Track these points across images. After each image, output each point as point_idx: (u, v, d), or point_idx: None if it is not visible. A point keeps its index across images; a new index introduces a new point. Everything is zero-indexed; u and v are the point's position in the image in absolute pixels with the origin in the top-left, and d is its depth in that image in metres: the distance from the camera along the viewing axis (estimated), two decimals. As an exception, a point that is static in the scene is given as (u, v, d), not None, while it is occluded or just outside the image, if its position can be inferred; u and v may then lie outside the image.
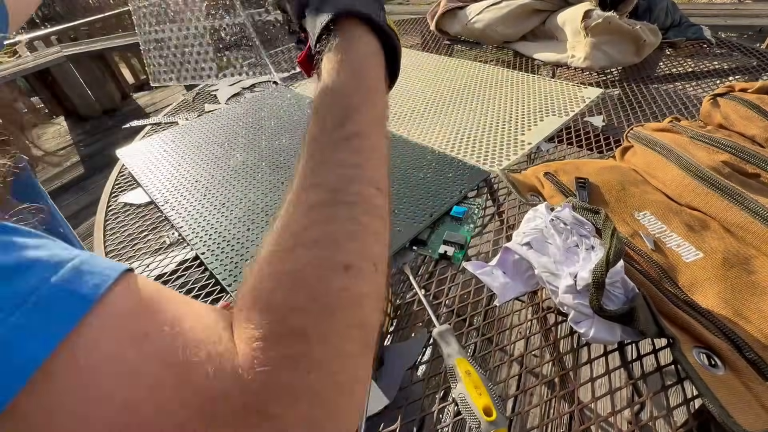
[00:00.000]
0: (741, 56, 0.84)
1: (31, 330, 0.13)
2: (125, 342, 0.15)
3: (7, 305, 0.13)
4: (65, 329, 0.14)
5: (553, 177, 0.48)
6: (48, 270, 0.14)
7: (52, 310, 0.14)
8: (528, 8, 0.91)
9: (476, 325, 0.38)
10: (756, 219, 0.38)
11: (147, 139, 0.72)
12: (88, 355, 0.14)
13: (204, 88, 0.92)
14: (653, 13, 0.91)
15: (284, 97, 0.81)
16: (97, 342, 0.14)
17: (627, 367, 0.33)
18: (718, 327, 0.31)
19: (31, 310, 0.13)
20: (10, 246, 0.14)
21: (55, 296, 0.14)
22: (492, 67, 0.87)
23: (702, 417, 0.29)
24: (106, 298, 0.15)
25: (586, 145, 0.60)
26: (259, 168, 0.60)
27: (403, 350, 0.35)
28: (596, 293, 0.30)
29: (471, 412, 0.28)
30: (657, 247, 0.39)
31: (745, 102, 0.50)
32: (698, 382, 0.28)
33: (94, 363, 0.14)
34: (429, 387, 0.33)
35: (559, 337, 0.36)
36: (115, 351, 0.15)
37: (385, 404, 0.32)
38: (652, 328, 0.30)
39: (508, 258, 0.38)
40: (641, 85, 0.75)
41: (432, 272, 0.43)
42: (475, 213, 0.48)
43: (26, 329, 0.13)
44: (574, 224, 0.37)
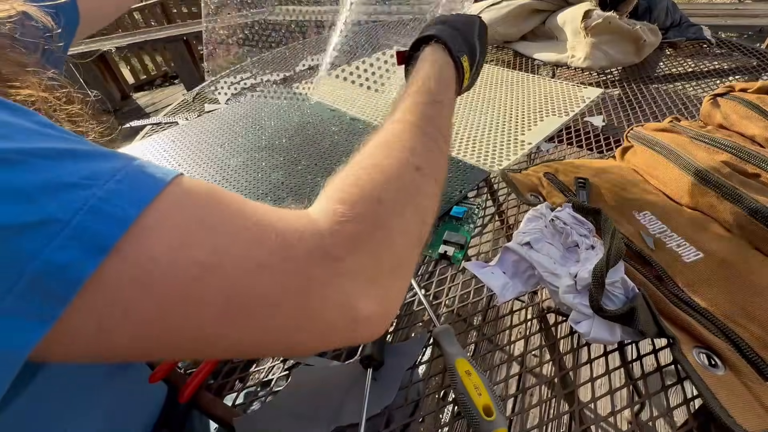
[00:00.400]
0: (741, 56, 0.84)
1: (123, 194, 0.16)
2: (208, 203, 0.19)
3: (103, 176, 0.16)
4: (151, 194, 0.16)
5: (553, 177, 0.48)
6: (128, 158, 0.17)
7: (139, 181, 0.17)
8: (528, 8, 0.91)
9: (476, 325, 0.38)
10: (756, 219, 0.38)
11: (147, 139, 0.72)
12: (177, 211, 0.17)
13: (204, 88, 0.92)
14: (653, 13, 0.91)
15: (284, 97, 0.81)
16: (183, 201, 0.18)
17: (627, 367, 0.33)
18: (718, 327, 0.31)
19: (121, 181, 0.16)
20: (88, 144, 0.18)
21: (138, 173, 0.17)
22: (492, 67, 0.87)
23: (702, 417, 0.29)
24: (180, 178, 0.18)
25: (586, 145, 0.60)
26: (259, 168, 0.60)
27: (403, 350, 0.35)
28: (596, 293, 0.30)
29: (471, 412, 0.28)
30: (657, 247, 0.39)
31: (745, 102, 0.50)
32: (698, 382, 0.28)
33: (183, 217, 0.17)
34: (429, 387, 0.33)
35: (559, 337, 0.36)
36: (200, 209, 0.18)
37: (386, 404, 0.32)
38: (652, 328, 0.30)
39: (508, 258, 0.38)
40: (641, 85, 0.75)
41: (432, 272, 0.43)
42: (475, 213, 0.48)
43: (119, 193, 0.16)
44: (574, 224, 0.37)
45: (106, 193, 0.15)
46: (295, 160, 0.61)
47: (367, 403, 0.30)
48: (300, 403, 0.33)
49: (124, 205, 0.16)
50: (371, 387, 0.32)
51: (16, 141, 0.15)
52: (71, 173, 0.15)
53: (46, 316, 0.14)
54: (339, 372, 0.34)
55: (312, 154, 0.61)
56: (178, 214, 0.17)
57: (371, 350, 0.33)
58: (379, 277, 0.22)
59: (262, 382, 0.35)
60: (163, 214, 0.17)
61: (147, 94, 3.40)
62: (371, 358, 0.33)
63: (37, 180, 0.15)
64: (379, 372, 0.34)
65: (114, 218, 0.15)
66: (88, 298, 0.15)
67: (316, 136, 0.66)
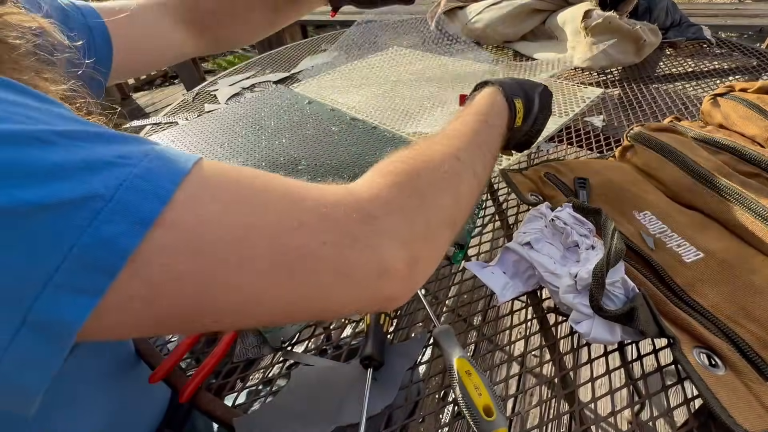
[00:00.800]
0: (741, 56, 0.84)
1: (158, 171, 0.17)
2: (240, 174, 0.20)
3: (137, 156, 0.17)
4: (185, 170, 0.17)
5: (553, 177, 0.48)
6: (151, 142, 0.18)
7: (170, 160, 0.18)
8: (528, 8, 0.91)
9: (476, 325, 0.38)
10: (756, 219, 0.38)
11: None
12: (213, 182, 0.19)
13: (204, 88, 0.92)
14: (653, 13, 0.91)
15: (284, 97, 0.81)
16: (216, 174, 0.19)
17: (627, 367, 0.33)
18: (719, 327, 0.31)
19: (153, 160, 0.17)
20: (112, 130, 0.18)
21: (167, 153, 0.18)
22: (492, 67, 0.87)
23: (702, 417, 0.29)
24: (203, 160, 0.19)
25: (586, 145, 0.60)
26: (259, 168, 0.60)
27: (403, 350, 0.35)
28: (596, 293, 0.30)
29: (471, 412, 0.28)
30: (657, 247, 0.39)
31: (745, 102, 0.50)
32: (698, 382, 0.28)
33: (221, 187, 0.19)
34: (429, 387, 0.33)
35: (559, 337, 0.36)
36: (235, 180, 0.19)
37: (386, 404, 0.32)
38: (652, 328, 0.30)
39: (508, 258, 0.38)
40: (641, 85, 0.75)
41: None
42: (475, 213, 0.48)
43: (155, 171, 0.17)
44: (574, 224, 0.37)
45: (143, 170, 0.16)
46: (295, 160, 0.61)
47: (367, 403, 0.30)
48: (300, 403, 0.33)
49: (161, 181, 0.17)
50: (371, 387, 0.32)
51: (51, 124, 0.16)
52: (107, 153, 0.16)
53: (96, 290, 0.15)
54: (339, 372, 0.34)
55: (312, 154, 0.61)
56: (214, 184, 0.19)
57: (371, 350, 0.33)
58: (411, 241, 0.23)
59: (262, 382, 0.35)
60: (201, 186, 0.18)
61: (147, 94, 3.40)
62: (371, 358, 0.33)
63: (76, 159, 0.15)
64: (379, 372, 0.34)
65: (154, 194, 0.16)
66: (137, 268, 0.16)
67: (316, 136, 0.66)
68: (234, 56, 4.02)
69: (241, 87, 0.89)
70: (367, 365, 0.33)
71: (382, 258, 0.22)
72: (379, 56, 1.00)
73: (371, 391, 0.31)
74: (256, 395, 0.34)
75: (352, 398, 0.32)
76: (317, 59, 1.01)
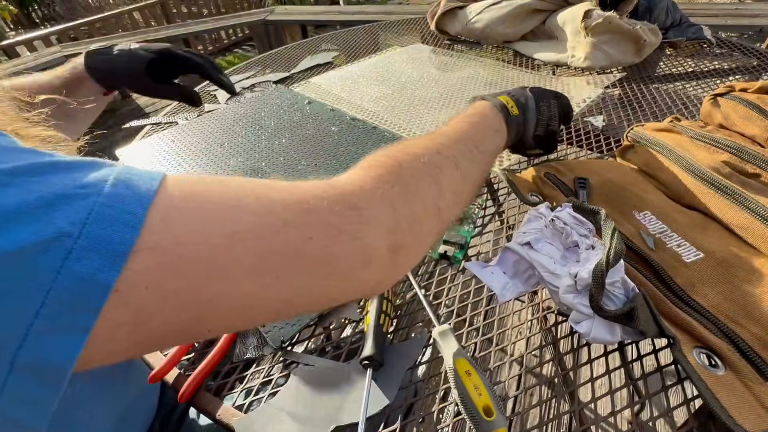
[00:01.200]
0: (741, 56, 0.84)
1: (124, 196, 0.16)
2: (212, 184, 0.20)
3: (98, 183, 0.16)
4: (152, 190, 0.17)
5: (553, 177, 0.48)
6: (109, 163, 0.18)
7: (133, 182, 0.17)
8: (528, 8, 0.91)
9: (476, 325, 0.38)
10: (756, 219, 0.38)
11: (147, 139, 0.72)
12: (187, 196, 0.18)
13: (204, 88, 0.91)
14: (653, 13, 0.91)
15: (284, 97, 0.81)
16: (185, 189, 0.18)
17: (627, 367, 0.33)
18: (719, 327, 0.31)
19: (116, 185, 0.16)
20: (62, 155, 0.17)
21: (128, 174, 0.17)
22: (492, 67, 0.87)
23: (702, 417, 0.29)
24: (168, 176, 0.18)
25: (586, 145, 0.60)
26: (258, 168, 0.60)
27: (403, 350, 0.35)
28: (596, 293, 0.30)
29: (471, 412, 0.28)
30: (657, 247, 0.39)
31: (745, 102, 0.50)
32: (698, 383, 0.28)
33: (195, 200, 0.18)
34: (429, 387, 0.33)
35: (559, 337, 0.36)
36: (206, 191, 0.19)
37: (385, 404, 0.32)
38: (652, 328, 0.30)
39: (508, 258, 0.38)
40: (641, 85, 0.75)
41: (432, 272, 0.43)
42: (475, 213, 0.48)
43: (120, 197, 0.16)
44: (574, 224, 0.37)
45: (108, 198, 0.16)
46: (295, 160, 0.61)
47: (367, 404, 0.30)
48: (300, 403, 0.33)
49: (129, 206, 0.16)
50: (371, 387, 0.32)
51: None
52: (65, 184, 0.15)
53: (82, 328, 0.15)
54: (339, 372, 0.34)
55: (312, 154, 0.61)
56: (185, 199, 0.18)
57: (371, 350, 0.33)
58: (395, 230, 0.24)
59: (262, 382, 0.35)
60: (172, 204, 0.17)
61: (147, 94, 3.40)
62: (371, 358, 0.33)
63: (33, 198, 0.14)
64: (379, 372, 0.34)
65: (124, 222, 0.15)
66: (122, 296, 0.15)
67: (316, 136, 0.66)
68: (234, 56, 4.02)
69: (241, 87, 0.89)
70: (367, 365, 0.33)
71: (366, 247, 0.22)
72: (380, 56, 1.00)
73: (371, 392, 0.31)
74: (256, 395, 0.34)
75: (352, 398, 0.32)
76: (317, 59, 1.01)
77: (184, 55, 0.53)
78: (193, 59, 0.54)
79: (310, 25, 3.06)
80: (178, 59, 0.53)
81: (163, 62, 0.51)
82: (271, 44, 2.98)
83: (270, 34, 2.98)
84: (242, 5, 4.58)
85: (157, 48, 0.51)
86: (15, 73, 0.44)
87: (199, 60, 0.54)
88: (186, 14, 4.13)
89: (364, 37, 1.17)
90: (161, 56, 0.51)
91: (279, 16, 2.90)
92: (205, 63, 0.55)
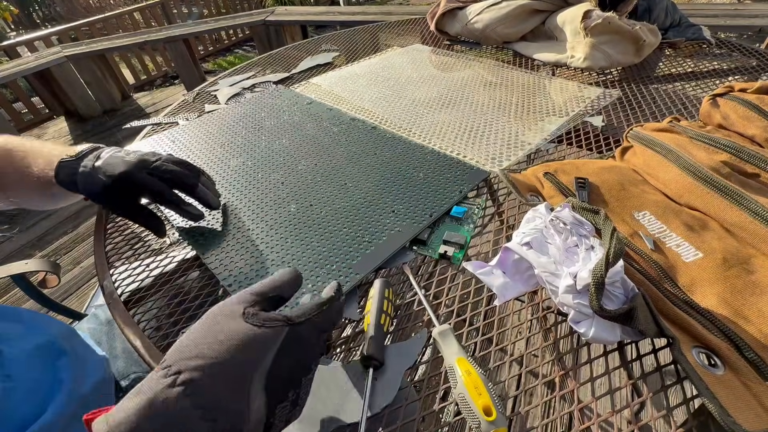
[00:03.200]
0: (740, 56, 0.84)
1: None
2: None
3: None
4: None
5: (552, 177, 0.48)
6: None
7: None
8: (528, 8, 0.91)
9: (476, 325, 0.38)
10: (756, 219, 0.38)
11: (147, 139, 0.72)
12: None
13: (204, 89, 0.92)
14: (653, 13, 0.91)
15: (284, 98, 0.81)
16: None
17: (627, 366, 0.33)
18: (718, 327, 0.31)
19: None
20: None
21: None
22: (492, 67, 0.87)
23: (702, 417, 0.29)
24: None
25: (586, 145, 0.60)
26: (259, 168, 0.60)
27: (403, 350, 0.35)
28: (596, 293, 0.30)
29: (471, 411, 0.28)
30: (657, 247, 0.39)
31: (744, 102, 0.50)
32: (698, 382, 0.28)
33: None
34: (429, 387, 0.33)
35: (559, 336, 0.37)
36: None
37: (386, 404, 0.32)
38: (651, 327, 0.30)
39: (508, 258, 0.38)
40: (641, 85, 0.75)
41: (432, 272, 0.43)
42: (475, 213, 0.48)
43: None
44: (574, 224, 0.37)
45: None
46: (295, 160, 0.61)
47: (368, 404, 0.30)
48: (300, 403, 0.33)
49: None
50: (371, 387, 0.32)
51: None
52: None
53: None
54: (339, 372, 0.34)
55: (312, 155, 0.62)
56: None
57: (371, 350, 0.33)
58: None
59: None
60: None
61: (147, 94, 3.40)
62: (371, 358, 0.33)
63: None
64: (379, 372, 0.34)
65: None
66: None
67: (316, 136, 0.66)
68: (234, 56, 4.02)
69: (242, 87, 0.89)
70: (367, 365, 0.33)
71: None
72: (380, 57, 1.00)
73: (371, 391, 0.31)
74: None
75: (352, 398, 0.32)
76: (317, 59, 1.01)
77: (142, 180, 0.44)
78: (150, 186, 0.44)
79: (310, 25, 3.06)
80: (137, 185, 0.44)
81: (124, 186, 0.44)
82: (272, 45, 2.98)
83: (270, 34, 2.99)
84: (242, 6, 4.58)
85: (118, 172, 0.43)
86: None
87: (159, 187, 0.44)
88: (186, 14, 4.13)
89: (364, 37, 1.17)
90: (119, 182, 0.43)
91: (279, 16, 2.90)
92: (164, 190, 0.44)
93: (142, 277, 0.46)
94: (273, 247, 0.46)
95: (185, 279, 0.45)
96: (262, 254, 0.45)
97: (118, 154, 0.46)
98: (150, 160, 0.45)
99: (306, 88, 0.86)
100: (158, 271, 0.46)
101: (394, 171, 0.56)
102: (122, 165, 0.44)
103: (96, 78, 2.97)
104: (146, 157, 0.45)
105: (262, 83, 0.90)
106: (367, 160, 0.59)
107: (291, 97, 0.81)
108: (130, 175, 0.43)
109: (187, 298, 0.43)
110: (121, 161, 0.44)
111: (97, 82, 2.98)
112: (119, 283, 0.46)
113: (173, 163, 0.46)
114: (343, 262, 0.43)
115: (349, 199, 0.52)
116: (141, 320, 0.41)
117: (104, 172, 0.44)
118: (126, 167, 0.44)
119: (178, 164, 0.46)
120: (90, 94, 3.00)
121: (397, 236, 0.45)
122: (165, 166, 0.45)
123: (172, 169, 0.45)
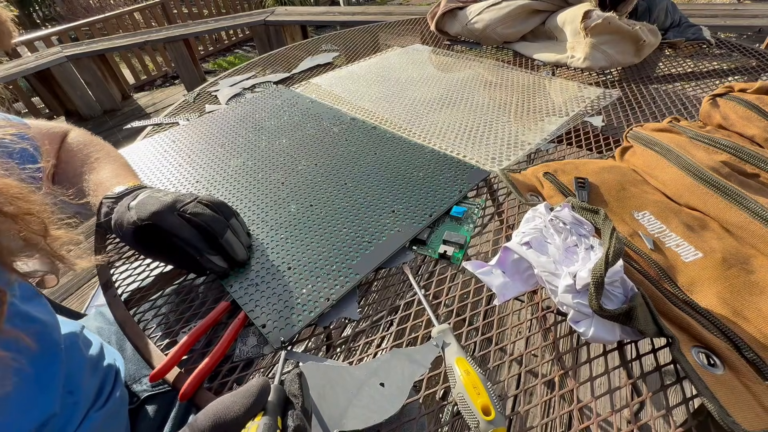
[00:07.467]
0: (740, 56, 0.84)
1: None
2: None
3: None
4: None
5: (552, 177, 0.48)
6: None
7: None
8: (528, 8, 0.91)
9: (476, 325, 0.38)
10: (755, 219, 0.38)
11: (148, 139, 0.72)
12: None
13: (205, 89, 0.92)
14: (653, 13, 0.91)
15: (284, 98, 0.81)
16: None
17: (626, 366, 0.33)
18: (718, 327, 0.32)
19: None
20: None
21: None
22: (492, 67, 0.87)
23: (701, 416, 0.29)
24: None
25: (586, 145, 0.60)
26: (259, 168, 0.60)
27: (414, 357, 0.34)
28: (595, 293, 0.30)
29: (470, 411, 0.28)
30: (656, 246, 0.39)
31: (744, 102, 0.50)
32: (697, 382, 0.28)
33: None
34: (429, 387, 0.33)
35: (559, 336, 0.37)
36: None
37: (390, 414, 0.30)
38: (651, 327, 0.30)
39: (508, 258, 0.38)
40: (641, 85, 0.75)
41: (432, 272, 0.43)
42: (475, 213, 0.48)
43: None
44: (574, 224, 0.37)
45: None
46: (295, 160, 0.61)
47: (372, 412, 0.30)
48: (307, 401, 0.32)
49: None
50: (376, 396, 0.31)
51: None
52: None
53: None
54: (348, 374, 0.34)
55: (312, 155, 0.62)
56: None
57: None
58: None
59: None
60: None
61: (147, 95, 3.40)
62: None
63: None
64: (386, 378, 0.33)
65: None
66: None
67: (316, 136, 0.67)
68: (234, 57, 4.02)
69: (242, 87, 0.89)
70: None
71: None
72: (380, 57, 1.00)
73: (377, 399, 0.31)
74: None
75: (357, 404, 0.32)
76: (317, 59, 1.01)
77: (168, 229, 0.39)
78: (180, 234, 0.39)
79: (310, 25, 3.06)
80: (163, 228, 0.39)
81: (153, 230, 0.40)
82: (272, 45, 2.98)
83: (270, 34, 2.99)
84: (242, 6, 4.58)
85: (146, 215, 0.39)
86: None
87: (186, 234, 0.39)
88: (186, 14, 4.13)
89: (364, 37, 1.18)
90: (146, 227, 0.40)
91: (279, 16, 2.90)
92: (191, 238, 0.40)
93: (143, 277, 0.46)
94: (273, 247, 0.46)
95: (185, 278, 0.45)
96: (262, 254, 0.45)
97: (155, 194, 0.41)
98: (183, 200, 0.41)
99: (306, 88, 0.86)
100: (158, 271, 0.47)
101: (394, 171, 0.56)
102: (155, 205, 0.39)
103: (96, 78, 2.97)
104: (181, 198, 0.41)
105: (263, 83, 0.90)
106: (367, 160, 0.59)
107: (291, 98, 0.81)
108: (159, 216, 0.39)
109: (188, 297, 0.43)
110: (156, 201, 0.40)
111: (97, 82, 2.98)
112: (120, 282, 0.46)
113: (205, 205, 0.41)
114: (343, 263, 0.43)
115: (349, 199, 0.52)
116: (141, 319, 0.41)
117: (137, 218, 0.39)
118: (158, 207, 0.39)
119: (210, 206, 0.42)
120: (90, 94, 3.00)
121: (397, 236, 0.45)
122: (193, 209, 0.40)
123: (200, 212, 0.40)
